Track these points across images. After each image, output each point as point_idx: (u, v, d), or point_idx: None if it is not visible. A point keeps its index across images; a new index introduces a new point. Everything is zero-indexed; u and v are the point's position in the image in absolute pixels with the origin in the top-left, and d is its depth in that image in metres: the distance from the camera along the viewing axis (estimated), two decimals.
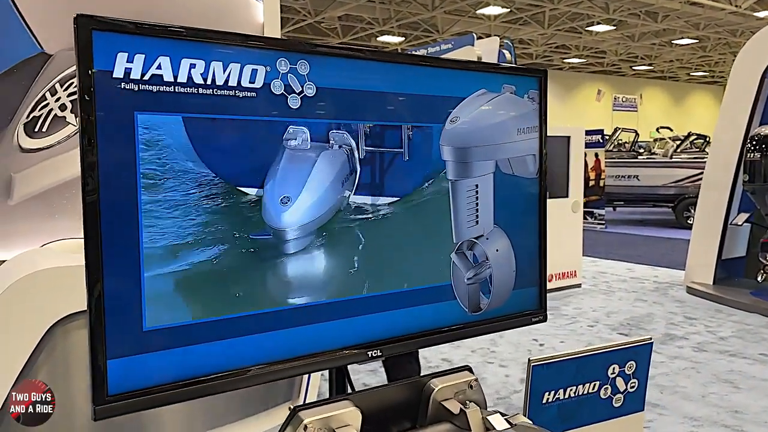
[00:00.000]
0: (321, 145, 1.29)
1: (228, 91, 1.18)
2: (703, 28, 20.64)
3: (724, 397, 3.93)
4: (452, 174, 1.45)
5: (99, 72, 1.05)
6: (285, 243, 1.26)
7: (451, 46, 9.63)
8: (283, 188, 1.25)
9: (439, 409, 1.25)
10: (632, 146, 15.69)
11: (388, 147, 1.39)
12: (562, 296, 6.82)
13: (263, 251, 1.23)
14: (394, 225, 1.39)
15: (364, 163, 1.35)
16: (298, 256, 1.26)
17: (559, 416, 1.58)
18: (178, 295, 1.15)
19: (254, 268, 1.22)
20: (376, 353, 1.31)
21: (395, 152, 1.39)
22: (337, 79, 1.31)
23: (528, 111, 1.58)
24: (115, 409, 1.06)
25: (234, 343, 1.19)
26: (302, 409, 1.12)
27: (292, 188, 1.26)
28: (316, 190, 1.29)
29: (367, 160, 1.36)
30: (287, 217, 1.25)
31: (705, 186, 7.06)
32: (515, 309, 1.55)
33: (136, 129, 1.09)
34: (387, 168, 1.39)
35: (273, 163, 1.24)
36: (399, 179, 1.40)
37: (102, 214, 1.06)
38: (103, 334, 1.06)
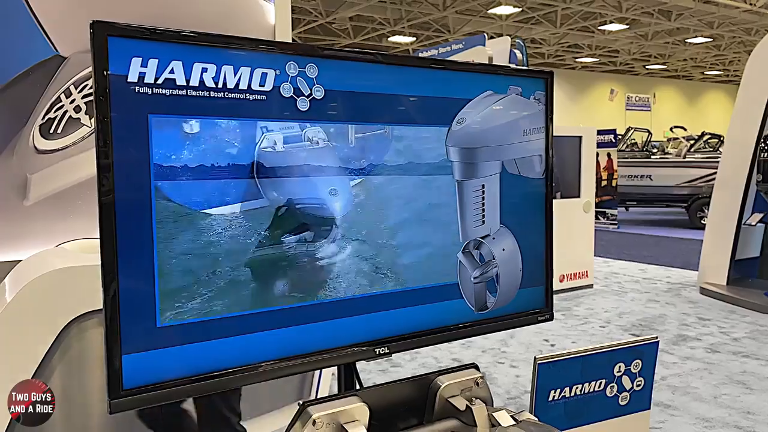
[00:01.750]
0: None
1: (239, 94, 1.20)
2: (717, 27, 20.46)
3: (737, 398, 3.91)
4: (458, 174, 1.47)
5: (114, 76, 1.08)
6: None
7: (462, 47, 9.62)
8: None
9: (445, 405, 1.27)
10: (645, 146, 15.59)
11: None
12: (573, 297, 6.80)
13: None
14: (402, 224, 1.41)
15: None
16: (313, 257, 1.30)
17: (565, 414, 1.59)
18: (191, 294, 1.17)
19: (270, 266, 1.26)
20: (384, 350, 1.33)
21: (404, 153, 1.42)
22: (344, 82, 1.33)
23: (534, 112, 1.60)
24: (130, 403, 1.09)
25: (245, 339, 1.22)
26: (311, 404, 1.14)
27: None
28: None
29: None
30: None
31: (718, 186, 7.01)
32: (521, 308, 1.57)
33: (150, 131, 1.12)
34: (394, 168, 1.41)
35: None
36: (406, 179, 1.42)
37: (117, 215, 1.09)
38: (118, 331, 1.09)
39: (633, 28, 20.75)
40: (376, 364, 4.42)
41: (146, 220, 1.12)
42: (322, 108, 1.29)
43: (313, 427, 1.11)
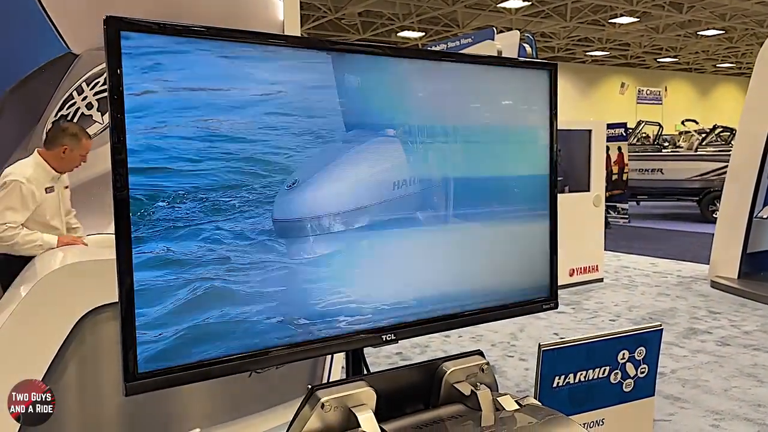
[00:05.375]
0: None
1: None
2: (729, 19, 20.23)
3: (747, 391, 3.90)
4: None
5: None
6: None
7: (470, 41, 9.58)
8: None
9: (451, 390, 1.29)
10: (656, 139, 15.47)
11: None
12: (583, 290, 6.79)
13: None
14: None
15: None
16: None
17: (569, 400, 1.61)
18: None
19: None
20: (390, 337, 1.36)
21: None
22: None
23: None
24: (144, 386, 1.13)
25: (256, 325, 1.25)
26: (320, 389, 1.17)
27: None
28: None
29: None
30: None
31: (729, 179, 6.97)
32: (526, 297, 1.59)
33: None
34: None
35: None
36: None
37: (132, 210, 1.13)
38: (133, 320, 1.13)
39: (644, 21, 20.55)
40: (386, 357, 4.44)
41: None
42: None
43: (322, 410, 1.14)
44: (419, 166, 1.46)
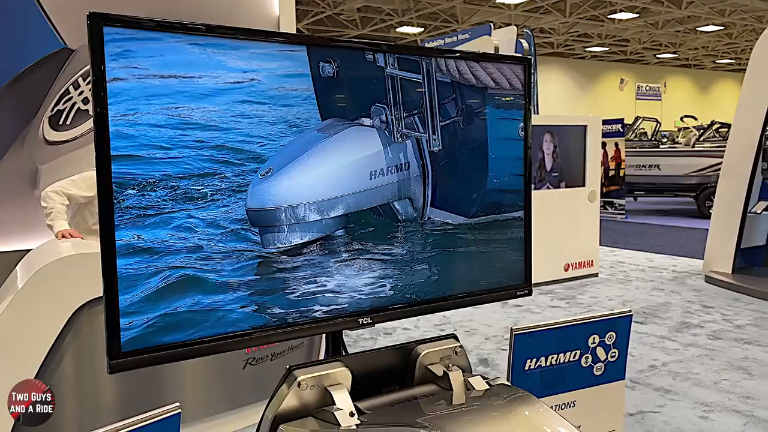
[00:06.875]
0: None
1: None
2: (729, 15, 20.22)
3: (737, 383, 3.94)
4: None
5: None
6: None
7: (468, 36, 9.61)
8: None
9: (425, 371, 1.34)
10: (654, 135, 15.48)
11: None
12: (578, 285, 6.83)
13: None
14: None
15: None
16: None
17: (541, 382, 1.66)
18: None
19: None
20: (367, 320, 1.41)
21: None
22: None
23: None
24: (128, 363, 1.17)
25: (229, 314, 1.29)
26: (297, 368, 1.21)
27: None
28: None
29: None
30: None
31: (724, 174, 7.00)
32: (502, 284, 1.63)
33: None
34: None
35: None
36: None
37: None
38: (116, 301, 1.17)
39: (643, 17, 20.55)
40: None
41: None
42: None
43: (299, 388, 1.19)
44: (396, 155, 1.48)
